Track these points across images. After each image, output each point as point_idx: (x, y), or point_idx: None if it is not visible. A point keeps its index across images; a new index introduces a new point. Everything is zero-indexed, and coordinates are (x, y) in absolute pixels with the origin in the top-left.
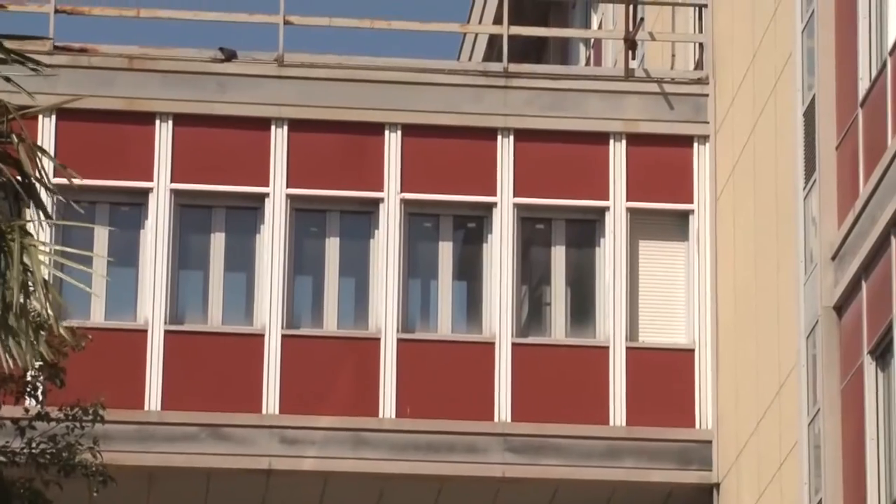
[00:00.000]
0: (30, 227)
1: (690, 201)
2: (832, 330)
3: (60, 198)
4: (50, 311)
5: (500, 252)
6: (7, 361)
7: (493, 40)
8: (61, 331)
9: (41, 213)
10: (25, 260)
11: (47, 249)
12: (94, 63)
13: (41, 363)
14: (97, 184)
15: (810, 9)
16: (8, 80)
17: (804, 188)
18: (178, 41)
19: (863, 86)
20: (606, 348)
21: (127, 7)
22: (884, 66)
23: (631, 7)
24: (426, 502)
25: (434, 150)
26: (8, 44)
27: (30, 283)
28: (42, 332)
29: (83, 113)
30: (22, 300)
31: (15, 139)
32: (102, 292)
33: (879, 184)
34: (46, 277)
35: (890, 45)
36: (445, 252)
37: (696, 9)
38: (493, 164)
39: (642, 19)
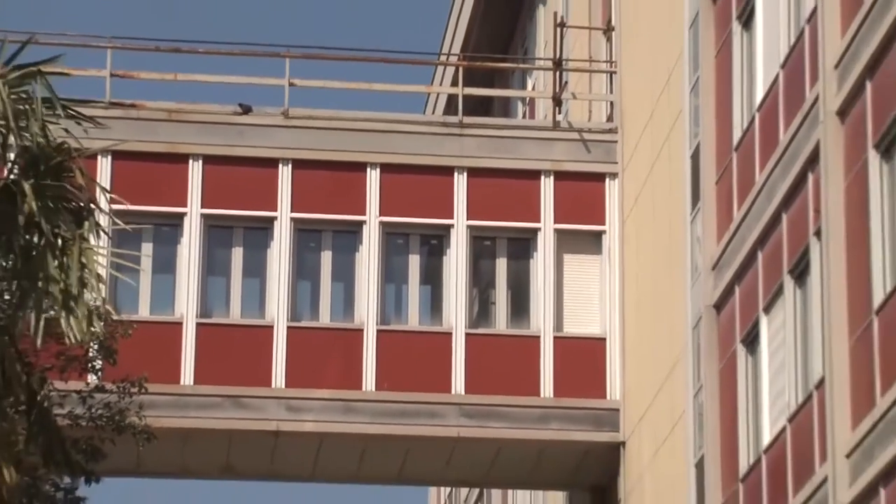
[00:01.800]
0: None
1: (603, 224)
2: (712, 324)
3: (113, 218)
4: (101, 298)
5: (455, 263)
6: (69, 336)
7: (451, 98)
8: (107, 309)
9: (97, 228)
10: (83, 260)
11: (102, 252)
12: (141, 115)
13: (98, 345)
14: (144, 209)
15: (696, 75)
16: (67, 131)
17: (691, 214)
18: (206, 98)
19: (736, 135)
20: (538, 337)
21: (167, 72)
22: (752, 119)
23: (557, 73)
24: (398, 456)
25: (405, 183)
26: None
27: (87, 278)
28: (99, 320)
29: (133, 154)
30: (77, 291)
31: (77, 173)
32: (147, 293)
33: (749, 211)
34: (101, 275)
35: (757, 103)
36: (414, 263)
37: (608, 75)
38: (451, 195)
39: (566, 82)
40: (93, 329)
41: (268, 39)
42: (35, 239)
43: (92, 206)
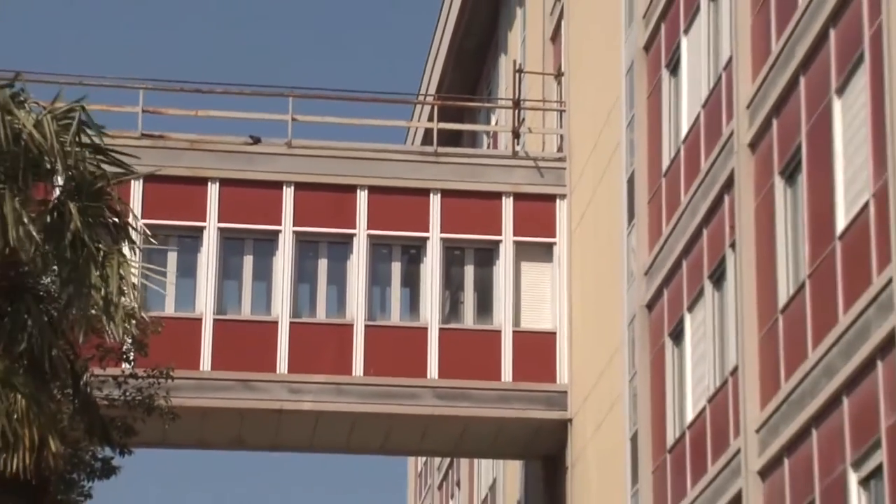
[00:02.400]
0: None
1: (554, 237)
2: (644, 321)
3: (145, 230)
4: (136, 304)
5: (430, 269)
6: (109, 336)
7: (428, 131)
8: (142, 315)
9: (130, 245)
10: (121, 272)
11: (135, 264)
12: (167, 145)
13: (132, 340)
14: (169, 223)
15: (631, 113)
16: (98, 167)
17: (627, 228)
18: (222, 130)
19: (665, 163)
20: (499, 331)
21: (190, 108)
22: (678, 150)
23: (516, 111)
24: (382, 431)
25: (388, 203)
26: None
27: (123, 287)
28: (133, 320)
29: (161, 178)
30: (116, 299)
31: (115, 195)
32: (173, 294)
33: (675, 227)
34: (135, 283)
35: (682, 137)
36: (395, 269)
37: (559, 113)
38: (427, 213)
39: (523, 119)
40: (127, 327)
41: (274, 81)
42: (80, 252)
43: (126, 224)
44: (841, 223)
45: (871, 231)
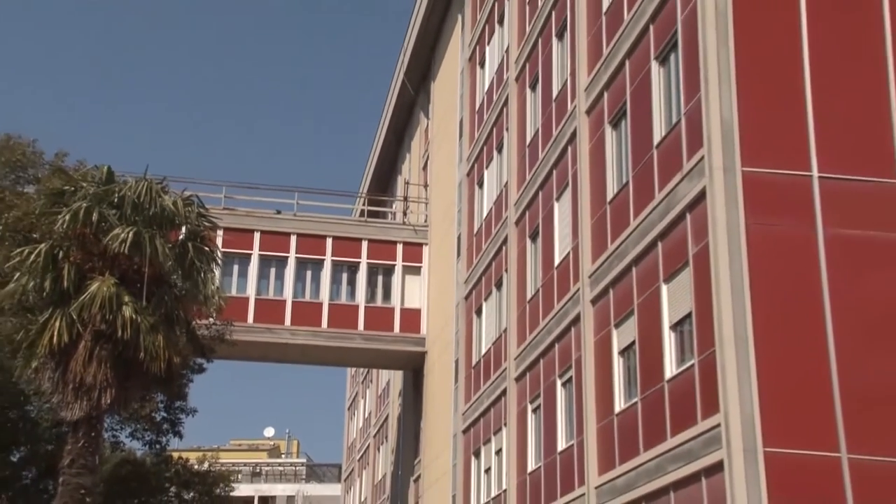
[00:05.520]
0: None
1: (422, 263)
2: (462, 306)
3: (222, 256)
4: (220, 297)
5: (363, 278)
6: (204, 305)
7: (363, 210)
8: (219, 295)
9: (215, 262)
10: (211, 276)
11: (218, 272)
12: (236, 214)
13: (214, 308)
14: (235, 251)
15: (460, 205)
16: (201, 224)
17: (456, 261)
18: (263, 206)
19: (475, 228)
20: (394, 307)
21: (247, 195)
22: (482, 225)
23: (404, 202)
24: (335, 355)
25: (342, 244)
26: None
27: (211, 283)
28: (215, 297)
29: (231, 229)
30: (211, 293)
31: (209, 237)
32: (234, 285)
33: (480, 259)
34: (219, 287)
35: (483, 217)
36: (344, 277)
37: (426, 204)
38: (360, 249)
39: (408, 206)
40: (212, 301)
41: (285, 181)
42: (192, 265)
43: (213, 252)
44: None
45: None
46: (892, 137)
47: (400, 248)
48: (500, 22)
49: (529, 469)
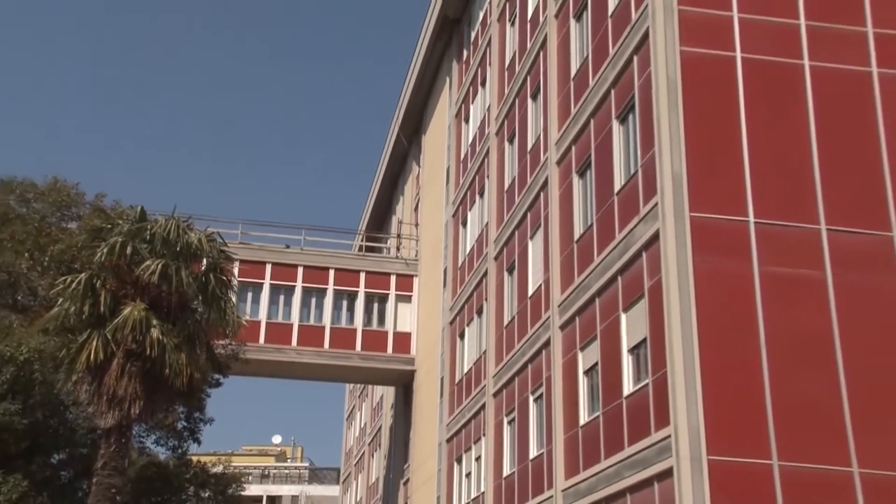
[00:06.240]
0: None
1: (412, 292)
2: (448, 331)
3: (238, 284)
4: (237, 320)
5: (361, 304)
6: (223, 329)
7: (362, 245)
8: (237, 318)
9: (232, 290)
10: (229, 304)
11: (234, 299)
12: (251, 248)
13: (231, 331)
14: (250, 280)
15: (447, 242)
16: (220, 257)
17: (443, 291)
18: (274, 241)
19: (459, 262)
20: (388, 331)
21: (261, 232)
22: (465, 260)
23: (398, 238)
24: (336, 373)
25: (343, 275)
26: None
27: (229, 308)
28: (234, 321)
29: (246, 261)
30: (228, 318)
31: (228, 271)
32: (248, 310)
33: (463, 289)
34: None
35: (466, 253)
36: (344, 304)
37: (416, 240)
38: (359, 280)
39: (401, 242)
40: (230, 326)
41: (294, 219)
42: (213, 293)
43: (231, 281)
44: None
45: None
46: (815, 189)
47: (393, 279)
48: (483, 84)
49: (505, 474)
